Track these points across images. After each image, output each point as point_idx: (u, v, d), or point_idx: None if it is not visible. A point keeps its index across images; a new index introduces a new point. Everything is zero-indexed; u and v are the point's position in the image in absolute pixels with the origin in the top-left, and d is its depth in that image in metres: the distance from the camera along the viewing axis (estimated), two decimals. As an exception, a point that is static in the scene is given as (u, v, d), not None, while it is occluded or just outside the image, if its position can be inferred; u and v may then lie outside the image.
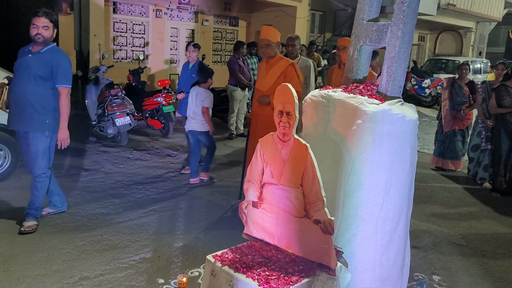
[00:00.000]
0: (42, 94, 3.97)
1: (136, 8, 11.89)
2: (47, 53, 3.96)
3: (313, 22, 15.83)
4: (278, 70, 4.57)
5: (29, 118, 3.97)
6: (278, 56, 4.69)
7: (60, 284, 3.26)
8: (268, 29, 4.63)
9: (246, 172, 2.67)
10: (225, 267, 2.39)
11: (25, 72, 3.93)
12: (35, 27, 3.89)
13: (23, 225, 4.07)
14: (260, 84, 4.71)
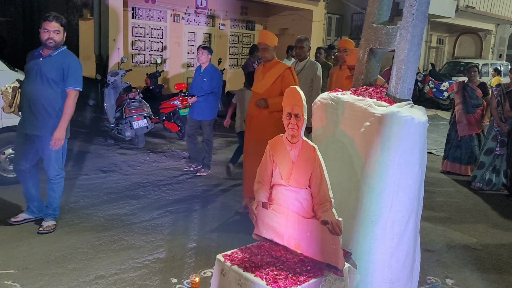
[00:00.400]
0: (54, 97, 4.02)
1: (154, 13, 12.07)
2: (58, 57, 4.02)
3: (330, 25, 15.81)
4: (275, 73, 4.60)
5: (42, 122, 4.02)
6: (275, 60, 4.73)
7: (76, 283, 3.34)
8: (265, 33, 4.67)
9: (256, 174, 2.71)
10: (234, 266, 2.44)
11: (37, 75, 3.97)
12: (46, 31, 3.93)
13: (42, 225, 4.18)
14: (257, 86, 4.74)
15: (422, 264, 3.91)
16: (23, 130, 4.11)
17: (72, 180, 5.75)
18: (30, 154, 4.21)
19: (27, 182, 4.29)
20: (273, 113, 4.59)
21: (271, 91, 4.58)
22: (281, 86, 4.52)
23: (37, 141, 4.11)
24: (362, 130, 2.54)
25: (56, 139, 4.02)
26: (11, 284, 3.27)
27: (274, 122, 4.59)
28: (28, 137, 4.11)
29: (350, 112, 2.63)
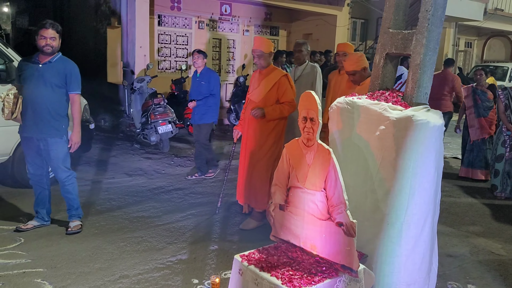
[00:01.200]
0: (58, 101, 4.18)
1: (179, 20, 12.31)
2: (59, 63, 4.17)
3: (355, 30, 15.76)
4: (271, 81, 4.49)
5: (47, 125, 4.15)
6: (271, 66, 4.63)
7: (101, 281, 3.47)
8: (260, 39, 4.56)
9: (273, 176, 2.78)
10: (251, 266, 2.50)
11: (40, 81, 4.09)
12: (43, 38, 4.05)
13: (69, 226, 4.34)
14: (252, 94, 4.62)
15: (444, 269, 3.90)
16: (27, 134, 4.21)
17: (99, 183, 5.94)
18: (39, 158, 4.31)
19: (40, 188, 4.38)
20: (269, 122, 4.50)
21: (268, 99, 4.49)
22: (277, 94, 4.47)
23: (43, 144, 4.21)
24: (377, 134, 2.58)
25: (74, 142, 4.28)
26: (40, 282, 3.42)
27: (271, 131, 4.54)
28: (33, 141, 4.22)
29: (365, 116, 2.67)
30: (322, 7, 12.89)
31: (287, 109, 4.49)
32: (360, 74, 4.14)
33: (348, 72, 4.22)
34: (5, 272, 3.52)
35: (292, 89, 4.55)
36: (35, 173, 4.33)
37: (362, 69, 4.13)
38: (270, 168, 4.56)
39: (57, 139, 4.22)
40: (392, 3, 2.88)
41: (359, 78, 4.16)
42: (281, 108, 4.47)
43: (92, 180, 6.09)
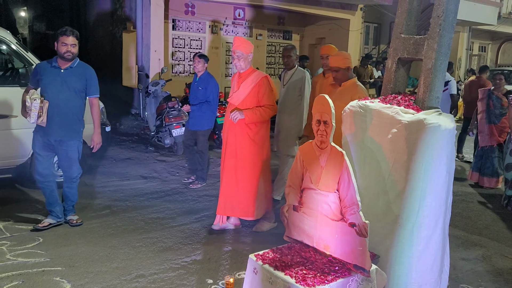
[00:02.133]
0: (81, 105, 4.42)
1: (193, 24, 12.46)
2: (79, 68, 4.37)
3: (368, 34, 15.76)
4: (251, 83, 4.36)
5: (69, 128, 4.35)
6: (251, 68, 4.48)
7: (118, 280, 3.56)
8: (240, 40, 4.39)
9: (288, 178, 2.84)
10: (265, 265, 2.57)
11: (64, 86, 4.26)
12: (64, 45, 4.22)
13: (72, 219, 4.59)
14: (232, 98, 4.46)
15: (456, 272, 3.91)
16: (50, 137, 4.32)
17: (115, 185, 6.06)
18: (51, 160, 4.51)
19: (49, 188, 4.51)
20: (251, 126, 4.37)
21: (248, 101, 4.36)
22: (258, 96, 4.36)
23: (61, 145, 4.36)
24: (389, 137, 2.63)
25: (96, 143, 4.57)
26: (59, 280, 3.52)
27: (252, 135, 4.40)
28: (49, 144, 4.36)
29: (378, 119, 2.73)
30: (335, 11, 12.94)
31: (268, 112, 4.38)
32: (343, 73, 4.16)
33: (332, 67, 4.21)
34: (25, 270, 3.63)
35: (273, 91, 4.43)
36: (44, 172, 4.45)
37: (346, 68, 4.16)
38: (256, 176, 4.46)
39: (75, 141, 4.42)
40: (404, 9, 2.93)
41: (342, 77, 4.18)
42: (262, 111, 4.34)
43: (108, 181, 6.21)
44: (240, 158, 4.40)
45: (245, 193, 4.43)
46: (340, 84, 4.23)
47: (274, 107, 4.40)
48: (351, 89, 4.15)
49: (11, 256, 3.86)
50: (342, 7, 13.01)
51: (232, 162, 4.44)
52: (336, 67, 4.15)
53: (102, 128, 6.08)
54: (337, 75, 4.18)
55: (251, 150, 4.39)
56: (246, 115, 4.30)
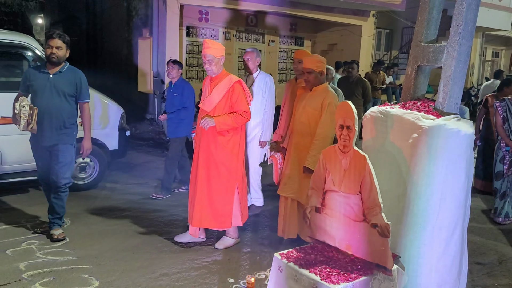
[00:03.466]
0: (70, 109, 4.31)
1: (207, 31, 12.66)
2: (68, 72, 4.29)
3: (379, 40, 15.85)
4: (223, 88, 4.14)
5: (60, 133, 4.26)
6: (223, 72, 4.24)
7: (144, 278, 3.68)
8: (211, 43, 4.14)
9: (310, 181, 2.96)
10: (290, 263, 2.68)
11: (53, 92, 4.19)
12: (49, 47, 4.17)
13: (54, 234, 4.35)
14: (204, 103, 4.21)
15: (472, 275, 3.98)
16: (43, 144, 4.25)
17: (134, 188, 6.21)
18: (50, 166, 4.36)
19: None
20: (223, 132, 4.14)
21: (220, 107, 4.14)
22: (231, 102, 4.14)
23: (53, 149, 4.29)
24: (410, 141, 2.73)
25: (86, 149, 4.46)
26: (88, 277, 3.65)
27: (225, 142, 4.18)
28: (45, 150, 4.31)
29: (398, 124, 2.83)
30: (347, 17, 13.06)
31: (241, 119, 4.14)
32: (315, 76, 4.13)
33: (305, 69, 4.13)
34: (55, 268, 3.77)
35: (247, 97, 4.23)
36: (47, 180, 4.40)
37: (320, 72, 4.14)
38: (232, 185, 4.23)
39: (68, 145, 4.34)
40: (423, 18, 3.04)
41: (314, 80, 4.14)
42: (234, 118, 4.11)
43: (127, 184, 6.37)
44: (215, 166, 4.17)
45: (221, 203, 4.21)
46: (311, 88, 4.20)
47: (247, 113, 4.17)
48: (322, 94, 4.14)
49: (41, 254, 4.02)
50: (354, 14, 13.13)
51: (205, 171, 4.19)
52: (310, 69, 4.11)
53: (122, 132, 6.27)
54: (310, 78, 4.14)
55: (225, 157, 4.17)
56: (217, 122, 4.06)
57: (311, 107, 4.16)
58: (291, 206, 4.31)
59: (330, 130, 4.01)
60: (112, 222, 4.91)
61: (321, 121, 4.08)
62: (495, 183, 5.65)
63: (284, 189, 4.31)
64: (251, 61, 5.16)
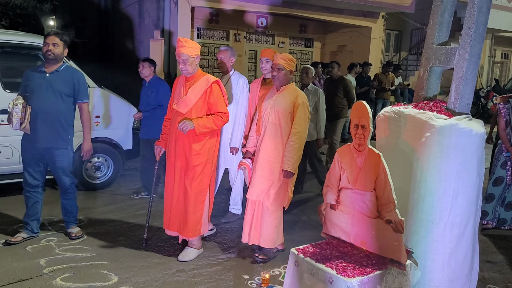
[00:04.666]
0: (67, 110, 4.19)
1: (217, 33, 12.80)
2: (66, 72, 4.19)
3: (388, 41, 15.89)
4: (200, 88, 3.90)
5: (56, 135, 4.13)
6: (199, 72, 4.00)
7: (161, 274, 3.79)
8: (185, 41, 3.86)
9: (326, 178, 3.05)
10: (307, 258, 2.78)
11: (49, 91, 4.08)
12: (46, 44, 4.09)
13: (72, 232, 4.42)
14: (179, 105, 3.94)
15: (483, 273, 4.04)
16: (36, 144, 4.11)
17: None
18: (41, 169, 4.28)
19: (33, 199, 4.29)
20: (199, 136, 3.92)
21: (197, 109, 3.91)
22: (208, 103, 3.92)
23: (49, 153, 4.18)
24: (423, 140, 2.81)
25: (86, 151, 4.35)
26: (107, 273, 3.76)
27: (201, 146, 3.95)
28: (37, 151, 4.17)
29: (412, 124, 2.92)
30: (356, 19, 13.13)
31: (220, 121, 3.95)
32: (285, 74, 3.95)
33: (276, 65, 3.94)
34: (75, 263, 3.89)
35: (225, 97, 4.03)
36: (32, 183, 4.25)
37: (289, 71, 3.99)
38: (204, 190, 4.06)
39: (64, 150, 4.21)
40: (435, 20, 3.12)
41: (283, 78, 3.96)
42: (214, 119, 3.91)
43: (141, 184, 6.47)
44: (191, 172, 3.96)
45: (193, 210, 4.02)
46: (279, 86, 4.01)
47: (226, 115, 3.97)
48: (292, 94, 3.99)
49: (60, 251, 4.14)
50: (363, 15, 13.19)
51: (182, 176, 4.00)
52: (281, 65, 3.93)
53: (136, 132, 6.39)
54: (279, 75, 3.94)
55: (201, 163, 3.97)
56: (197, 125, 3.82)
57: (281, 106, 3.95)
58: (257, 210, 4.08)
59: (305, 131, 3.97)
60: (128, 220, 5.03)
61: (296, 122, 3.92)
62: (492, 188, 5.30)
63: (252, 192, 4.04)
64: (225, 60, 4.87)
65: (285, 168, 3.89)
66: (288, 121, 3.94)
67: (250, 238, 4.14)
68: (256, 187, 4.00)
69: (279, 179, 3.97)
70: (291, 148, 3.89)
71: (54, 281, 3.57)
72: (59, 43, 4.13)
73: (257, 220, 4.07)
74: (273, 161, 3.96)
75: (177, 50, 3.85)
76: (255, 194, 4.01)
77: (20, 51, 5.58)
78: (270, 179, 3.96)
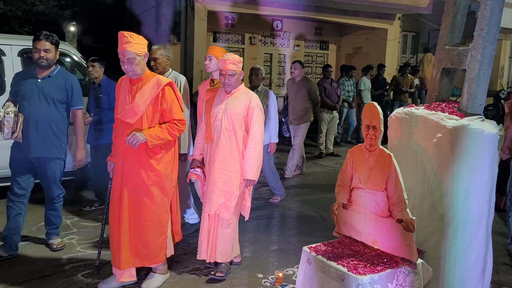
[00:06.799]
0: (60, 117, 3.95)
1: (233, 36, 12.92)
2: (58, 77, 3.93)
3: (405, 43, 15.79)
4: (150, 92, 3.28)
5: (48, 144, 3.90)
6: (147, 72, 3.38)
7: (177, 271, 3.88)
8: (129, 36, 3.23)
9: (338, 178, 3.10)
10: (319, 256, 2.83)
11: (40, 97, 3.83)
12: (37, 51, 3.81)
13: (53, 243, 4.20)
14: (125, 113, 3.29)
15: (499, 276, 4.03)
16: (28, 154, 3.87)
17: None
18: (30, 179, 4.01)
19: (17, 210, 3.99)
20: (153, 149, 3.33)
21: (148, 118, 3.32)
22: (162, 110, 3.34)
23: (40, 163, 3.94)
24: (434, 141, 2.84)
25: (78, 160, 4.09)
26: (125, 270, 3.86)
27: (157, 161, 3.36)
28: (26, 161, 3.92)
29: (423, 125, 2.95)
30: (372, 21, 13.10)
31: (177, 130, 3.37)
32: (237, 78, 3.68)
33: (228, 71, 3.58)
34: (95, 261, 3.99)
35: (179, 99, 3.45)
36: (19, 192, 3.97)
37: (240, 73, 3.69)
38: (165, 212, 3.51)
39: (56, 159, 3.97)
40: (448, 22, 3.15)
41: (235, 83, 3.69)
42: (168, 129, 3.32)
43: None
44: (145, 193, 3.35)
45: (154, 235, 3.44)
46: (230, 90, 3.70)
47: (182, 122, 3.42)
48: (245, 96, 3.71)
49: (81, 248, 4.28)
50: (379, 17, 13.16)
51: (133, 200, 3.35)
52: (233, 71, 3.61)
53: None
54: (232, 81, 3.64)
55: (156, 180, 3.37)
56: (149, 137, 3.22)
57: (234, 110, 3.63)
58: (214, 223, 3.74)
59: (262, 135, 3.71)
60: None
61: (252, 127, 3.64)
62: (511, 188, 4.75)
63: (209, 205, 3.67)
64: (160, 59, 4.39)
65: (248, 178, 3.62)
66: (242, 126, 3.65)
67: (208, 255, 3.78)
68: (214, 200, 3.63)
69: (237, 189, 3.66)
70: (251, 155, 3.61)
71: (76, 277, 3.70)
72: (50, 47, 3.85)
73: (215, 234, 3.74)
74: (230, 170, 3.63)
75: (120, 47, 3.22)
76: (213, 208, 3.65)
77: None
78: (229, 190, 3.64)
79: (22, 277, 3.68)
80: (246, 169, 3.61)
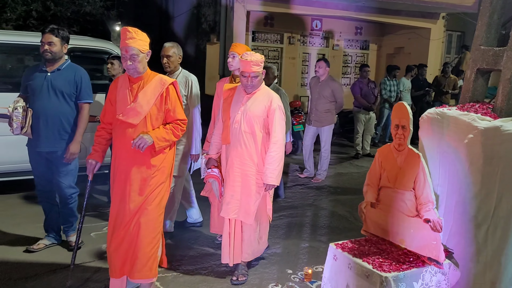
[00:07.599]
0: (69, 111, 3.92)
1: (271, 36, 13.00)
2: (68, 70, 3.92)
3: (450, 43, 15.35)
4: (153, 92, 3.15)
5: (59, 138, 3.87)
6: (149, 71, 3.24)
7: (208, 264, 4.01)
8: (134, 32, 3.08)
9: (366, 177, 3.12)
10: (345, 252, 2.88)
11: (50, 91, 3.82)
12: (42, 44, 3.82)
13: (72, 241, 4.13)
14: (127, 113, 3.11)
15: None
16: (38, 149, 3.87)
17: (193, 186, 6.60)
18: (49, 173, 3.99)
19: (49, 204, 4.10)
20: (157, 152, 3.18)
21: (153, 119, 3.17)
22: (166, 110, 3.22)
23: (53, 158, 3.92)
24: (465, 142, 2.81)
25: (71, 153, 3.88)
26: (159, 260, 4.02)
27: (159, 164, 3.20)
28: (42, 156, 3.93)
29: (454, 125, 2.92)
30: (415, 20, 12.83)
31: (180, 131, 3.27)
32: (260, 78, 3.58)
33: (250, 73, 3.47)
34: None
35: (180, 100, 3.33)
36: (44, 189, 4.05)
37: (262, 73, 3.61)
38: (161, 216, 3.30)
39: None
40: (484, 22, 3.10)
41: (258, 83, 3.59)
42: (172, 130, 3.22)
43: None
44: (147, 198, 3.18)
45: (147, 247, 3.17)
46: (251, 91, 3.60)
47: (185, 121, 3.31)
48: (266, 97, 3.59)
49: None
50: (422, 16, 12.87)
51: (136, 205, 3.14)
52: (256, 72, 3.50)
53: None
54: (255, 82, 3.54)
55: (158, 185, 3.23)
56: (156, 139, 3.10)
57: (254, 112, 3.54)
58: (236, 228, 3.69)
59: (284, 138, 3.61)
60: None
61: (274, 129, 3.54)
62: None
63: (227, 210, 3.60)
64: (173, 57, 4.32)
65: (269, 182, 3.52)
66: (262, 127, 3.56)
67: (231, 259, 3.73)
68: (233, 204, 3.57)
69: (257, 193, 3.59)
70: (273, 159, 3.50)
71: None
72: (55, 40, 3.81)
73: (237, 239, 3.68)
74: (250, 173, 3.55)
75: (122, 43, 3.06)
76: (232, 212, 3.58)
77: (89, 54, 6.05)
78: (249, 194, 3.56)
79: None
80: (268, 174, 3.51)
